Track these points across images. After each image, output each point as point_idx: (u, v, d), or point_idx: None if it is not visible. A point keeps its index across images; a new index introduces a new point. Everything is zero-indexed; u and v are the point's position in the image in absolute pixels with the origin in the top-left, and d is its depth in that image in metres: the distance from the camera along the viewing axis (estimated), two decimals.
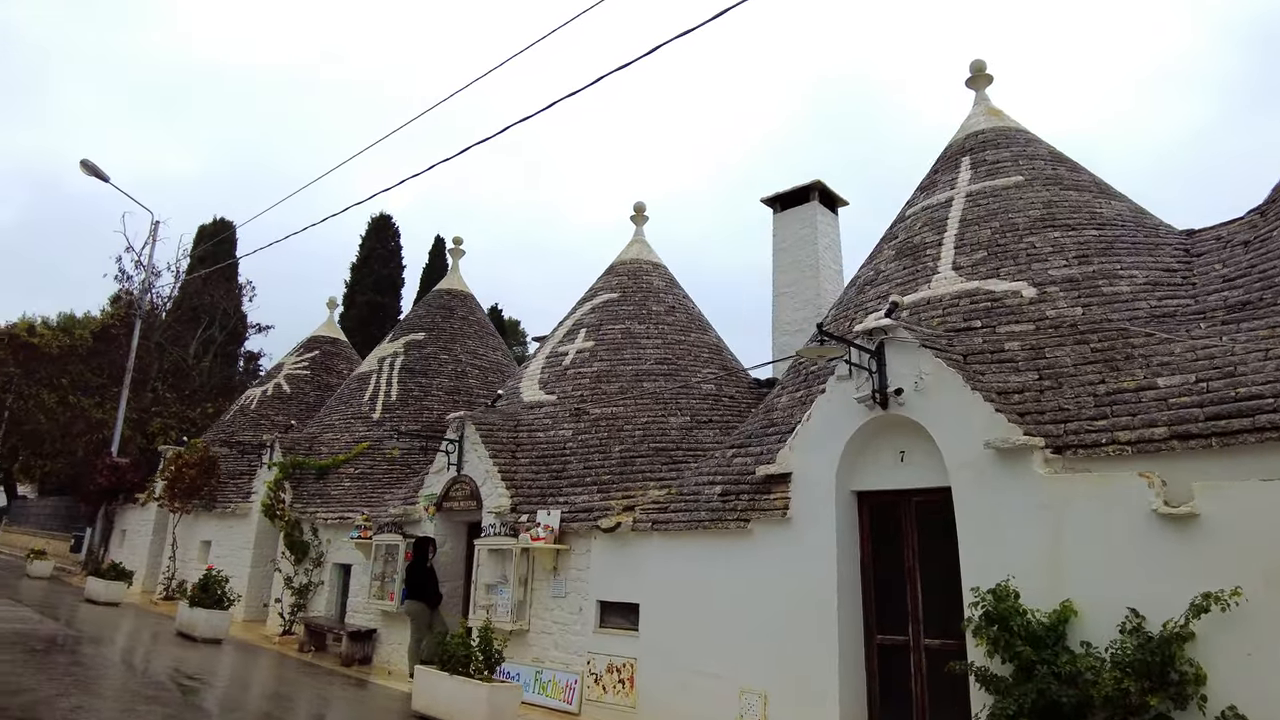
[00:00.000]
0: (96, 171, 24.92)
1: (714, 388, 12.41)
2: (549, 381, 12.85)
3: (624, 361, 12.61)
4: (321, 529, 14.42)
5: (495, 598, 10.39)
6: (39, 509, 38.21)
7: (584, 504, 10.08)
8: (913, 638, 7.18)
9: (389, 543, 12.28)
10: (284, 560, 14.67)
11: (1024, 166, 10.12)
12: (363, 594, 12.95)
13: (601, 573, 9.39)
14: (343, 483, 15.28)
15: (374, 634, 12.34)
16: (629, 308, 13.76)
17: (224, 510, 17.69)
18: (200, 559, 18.55)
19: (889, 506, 7.57)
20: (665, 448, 10.94)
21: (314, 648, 13.15)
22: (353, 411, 17.24)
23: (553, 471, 11.05)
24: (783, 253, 13.98)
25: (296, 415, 21.29)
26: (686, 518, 8.60)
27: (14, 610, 14.05)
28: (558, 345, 13.67)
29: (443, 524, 12.04)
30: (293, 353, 23.95)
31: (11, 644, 10.28)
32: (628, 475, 10.46)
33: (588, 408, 11.89)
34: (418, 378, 17.49)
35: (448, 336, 18.51)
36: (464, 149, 10.30)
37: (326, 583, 14.03)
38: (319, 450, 16.40)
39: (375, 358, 18.54)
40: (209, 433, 22.60)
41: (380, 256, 43.19)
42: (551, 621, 9.81)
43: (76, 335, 29.83)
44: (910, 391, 7.12)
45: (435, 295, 19.75)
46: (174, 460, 19.24)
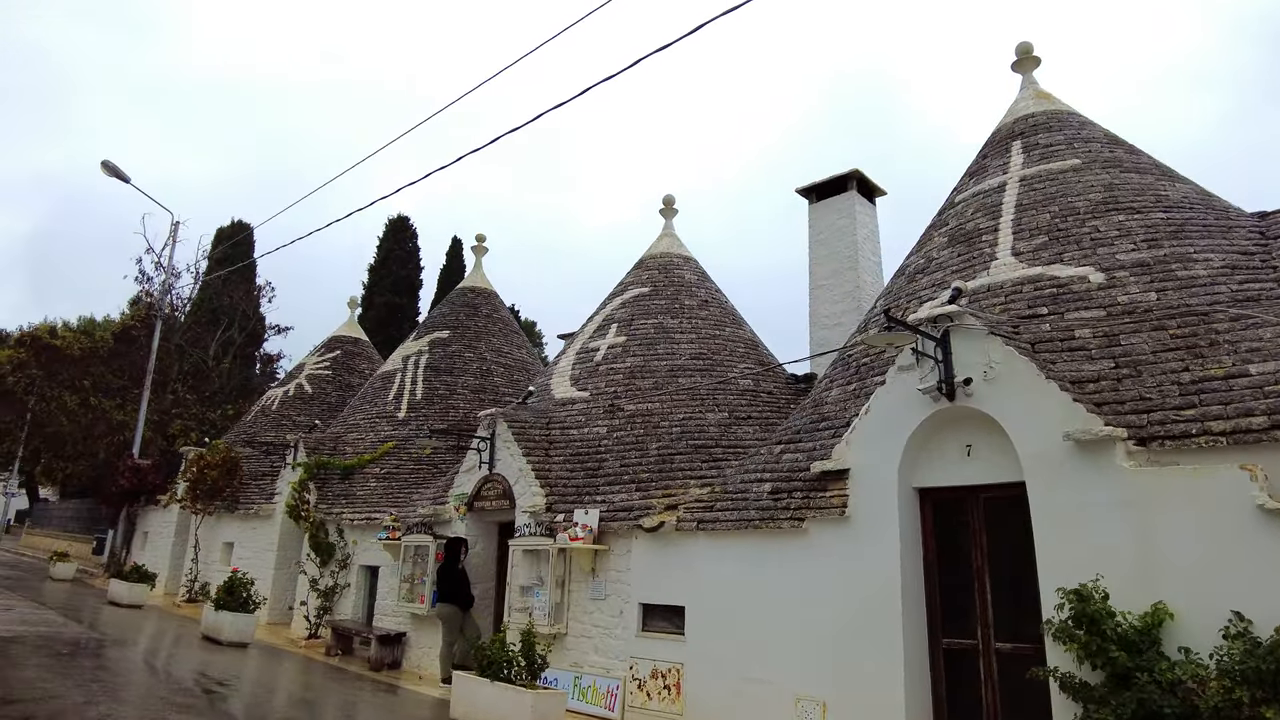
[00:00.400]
0: (117, 172, 24.82)
1: (751, 383, 12.03)
2: (581, 378, 12.51)
3: (658, 356, 12.25)
4: (347, 530, 14.13)
5: (531, 600, 10.05)
6: (60, 511, 38.27)
7: (623, 503, 9.72)
8: (982, 641, 6.77)
9: (418, 544, 11.97)
10: (309, 562, 14.39)
11: (1080, 149, 9.70)
12: (391, 596, 12.64)
13: (643, 574, 9.03)
14: (368, 483, 14.98)
15: (403, 637, 12.02)
16: (661, 302, 13.40)
17: (247, 512, 17.45)
18: (223, 561, 18.32)
19: (954, 503, 7.17)
20: (704, 445, 10.56)
21: (341, 651, 12.84)
22: (377, 411, 16.96)
23: (588, 470, 10.70)
24: (819, 244, 13.58)
25: (318, 415, 21.04)
26: (735, 517, 8.23)
27: (38, 613, 13.83)
28: (588, 341, 13.33)
29: (473, 524, 11.72)
30: (314, 353, 23.74)
31: (37, 648, 10.02)
32: (667, 473, 10.09)
33: (622, 404, 11.54)
34: (443, 376, 17.19)
35: (472, 334, 18.21)
36: (477, 148, 9.97)
37: (353, 585, 13.73)
38: (343, 450, 16.12)
39: (399, 356, 18.26)
40: (230, 434, 22.41)
41: (398, 258, 43.04)
42: (591, 625, 9.46)
43: (97, 337, 29.78)
44: (979, 382, 6.72)
45: (459, 293, 19.46)
46: (196, 461, 19.03)
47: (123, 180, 24.99)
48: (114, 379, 29.03)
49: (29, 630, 11.43)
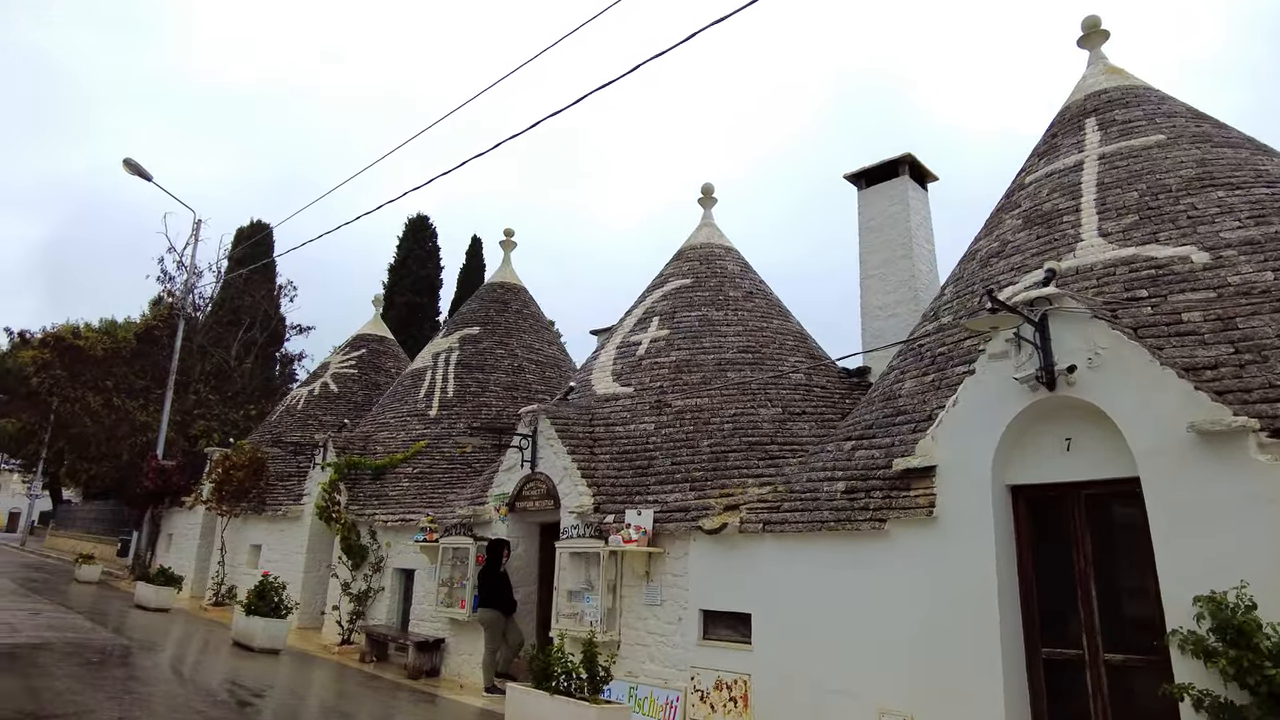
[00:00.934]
0: (139, 170, 24.54)
1: (804, 377, 11.48)
2: (623, 373, 12.00)
3: (704, 350, 11.72)
4: (380, 532, 13.68)
5: (581, 606, 9.54)
6: (84, 513, 38.17)
7: (677, 503, 9.20)
8: (1088, 652, 6.20)
9: (457, 546, 11.49)
10: (340, 565, 13.95)
11: (1163, 125, 9.09)
12: (428, 601, 12.17)
13: (703, 578, 8.50)
14: (401, 483, 14.53)
15: (442, 644, 11.55)
16: (704, 294, 12.86)
17: (274, 513, 17.05)
18: (250, 563, 17.95)
19: (1051, 502, 6.60)
20: (759, 442, 10.02)
21: (376, 658, 12.39)
22: (408, 409, 16.51)
23: (636, 468, 10.18)
24: (870, 232, 13.00)
25: (345, 414, 20.64)
26: (806, 518, 7.68)
27: (65, 618, 13.46)
28: (628, 335, 12.81)
29: (514, 525, 11.24)
30: (339, 351, 23.36)
31: (66, 655, 9.61)
32: (721, 471, 9.56)
33: (669, 399, 11.01)
34: (474, 373, 16.72)
35: (503, 331, 17.73)
36: (496, 144, 9.46)
37: (387, 589, 13.28)
38: (374, 449, 15.68)
39: (429, 353, 17.82)
40: (254, 434, 22.06)
41: (418, 257, 42.73)
42: (645, 632, 8.94)
43: (119, 337, 29.54)
44: (1083, 369, 6.15)
45: (488, 289, 18.99)
46: (221, 462, 18.66)
47: (144, 178, 24.72)
48: (136, 379, 28.78)
49: (57, 637, 11.04)
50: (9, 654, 9.39)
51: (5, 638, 10.55)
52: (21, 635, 10.93)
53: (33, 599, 16.34)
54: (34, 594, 17.51)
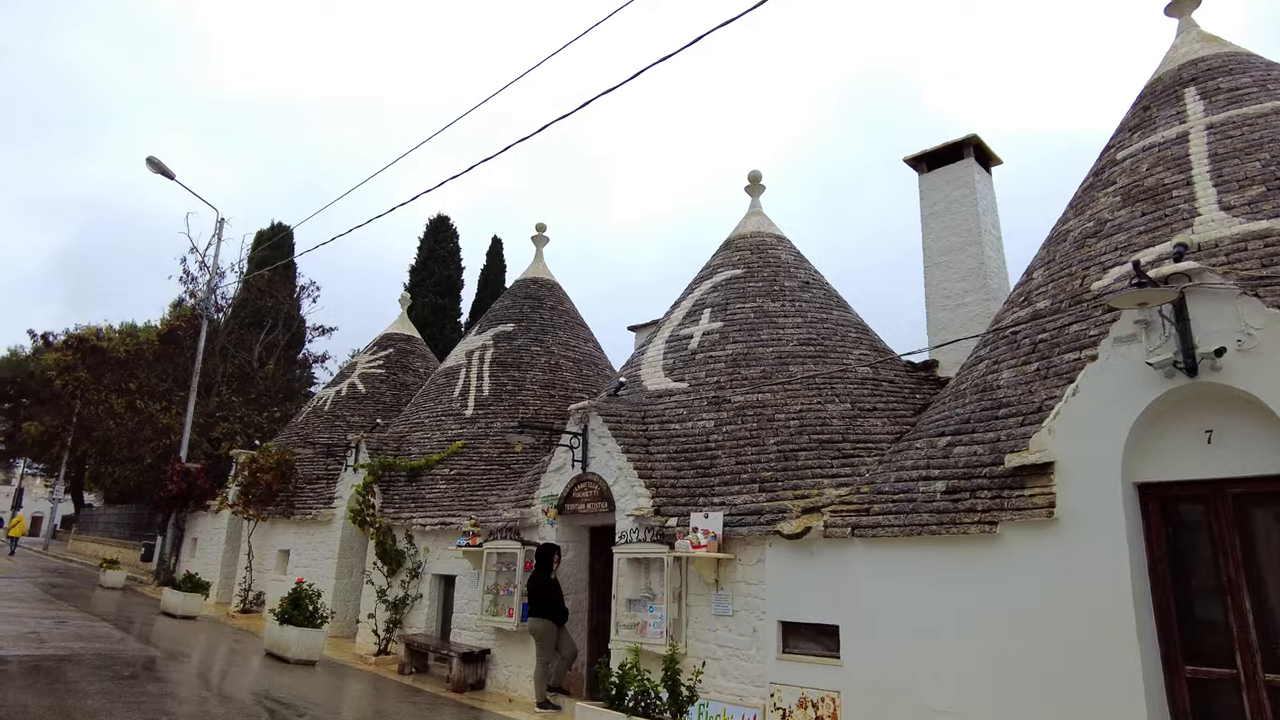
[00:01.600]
0: (162, 169, 24.16)
1: (870, 370, 10.79)
2: (675, 368, 11.35)
3: (762, 343, 11.05)
4: (418, 536, 13.09)
5: (642, 616, 8.90)
6: (106, 517, 37.90)
7: (747, 505, 8.54)
8: (1243, 671, 5.49)
9: (503, 550, 10.87)
10: (375, 571, 13.37)
11: (1276, 91, 8.36)
12: (471, 609, 11.56)
13: (781, 587, 7.84)
14: (438, 485, 13.93)
15: (488, 655, 10.93)
16: (757, 284, 12.20)
17: (304, 517, 16.50)
18: (279, 569, 17.42)
19: (1188, 501, 5.91)
20: (830, 439, 9.34)
21: (415, 669, 11.79)
22: (442, 408, 15.92)
23: (697, 468, 9.53)
24: (934, 218, 12.30)
25: (374, 415, 20.12)
26: (901, 521, 7.00)
27: (92, 626, 12.94)
28: (678, 328, 12.17)
29: (563, 528, 10.61)
30: (366, 351, 22.83)
31: (96, 669, 9.06)
32: (792, 471, 8.89)
33: (728, 395, 10.35)
34: (510, 371, 16.12)
35: (538, 327, 17.13)
36: (511, 145, 8.86)
37: (426, 596, 12.68)
38: (408, 450, 15.10)
39: (463, 351, 17.23)
40: (280, 436, 21.56)
41: (440, 258, 42.28)
42: (716, 645, 8.28)
43: (141, 338, 29.16)
44: (1232, 352, 5.46)
45: (521, 285, 18.39)
46: (248, 464, 18.17)
47: (167, 176, 24.34)
48: (159, 382, 28.40)
49: (86, 648, 10.49)
50: (36, 667, 8.84)
51: (33, 649, 10.02)
52: (49, 646, 10.39)
53: (58, 606, 15.86)
54: (59, 600, 17.05)
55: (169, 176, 24.38)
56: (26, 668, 8.75)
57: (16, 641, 10.58)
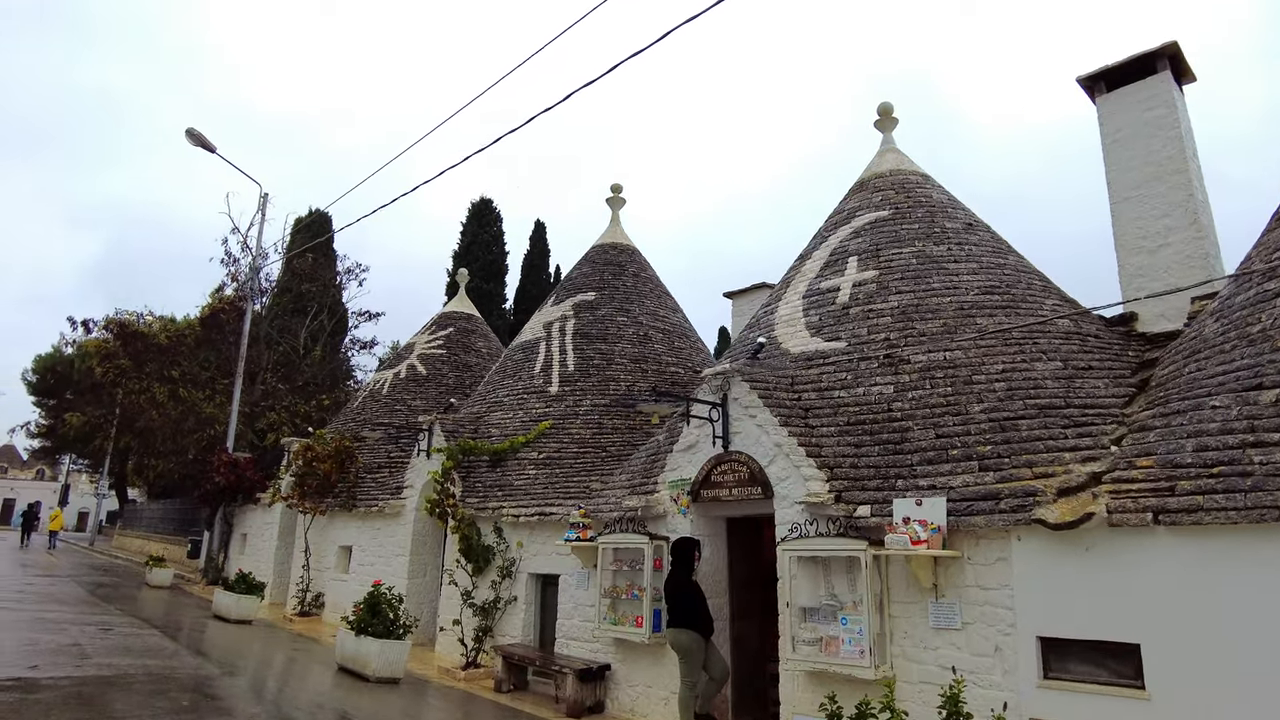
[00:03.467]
0: (203, 141, 22.66)
1: (1071, 324, 8.79)
2: (824, 325, 9.43)
3: (934, 292, 9.10)
4: (508, 529, 11.31)
5: (825, 629, 7.01)
6: (150, 512, 36.83)
7: (972, 489, 6.61)
8: None
9: (624, 546, 9.04)
10: (459, 570, 11.61)
11: None
12: (582, 615, 9.76)
13: (1039, 592, 5.91)
14: (526, 470, 12.14)
15: (607, 671, 9.12)
16: (913, 226, 10.24)
17: (368, 509, 14.81)
18: (340, 567, 15.78)
19: None
20: (1050, 404, 7.37)
21: (513, 685, 10.02)
22: (523, 386, 14.14)
23: (884, 444, 7.60)
24: (1119, 146, 10.23)
25: (436, 398, 18.45)
26: (1239, 502, 5.04)
27: (140, 635, 11.33)
28: (816, 281, 10.25)
29: (696, 519, 8.75)
30: (424, 331, 21.15)
31: (148, 696, 7.36)
32: (1016, 444, 6.94)
33: (905, 354, 8.42)
34: (595, 344, 14.29)
35: (622, 296, 15.28)
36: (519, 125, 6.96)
37: (521, 598, 10.89)
38: (486, 433, 13.34)
39: (539, 324, 15.44)
40: (334, 424, 19.97)
41: (483, 242, 40.77)
42: (936, 666, 6.37)
43: (183, 323, 27.76)
44: None
45: (599, 251, 16.55)
46: (302, 453, 16.53)
47: (208, 149, 22.84)
48: (201, 370, 26.97)
49: (134, 666, 8.83)
50: (77, 694, 7.16)
51: (73, 669, 8.37)
52: (92, 663, 8.75)
53: (103, 609, 14.36)
54: (104, 602, 15.58)
55: (210, 149, 22.87)
56: (65, 695, 7.08)
57: (56, 656, 8.96)
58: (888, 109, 12.10)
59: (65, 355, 44.83)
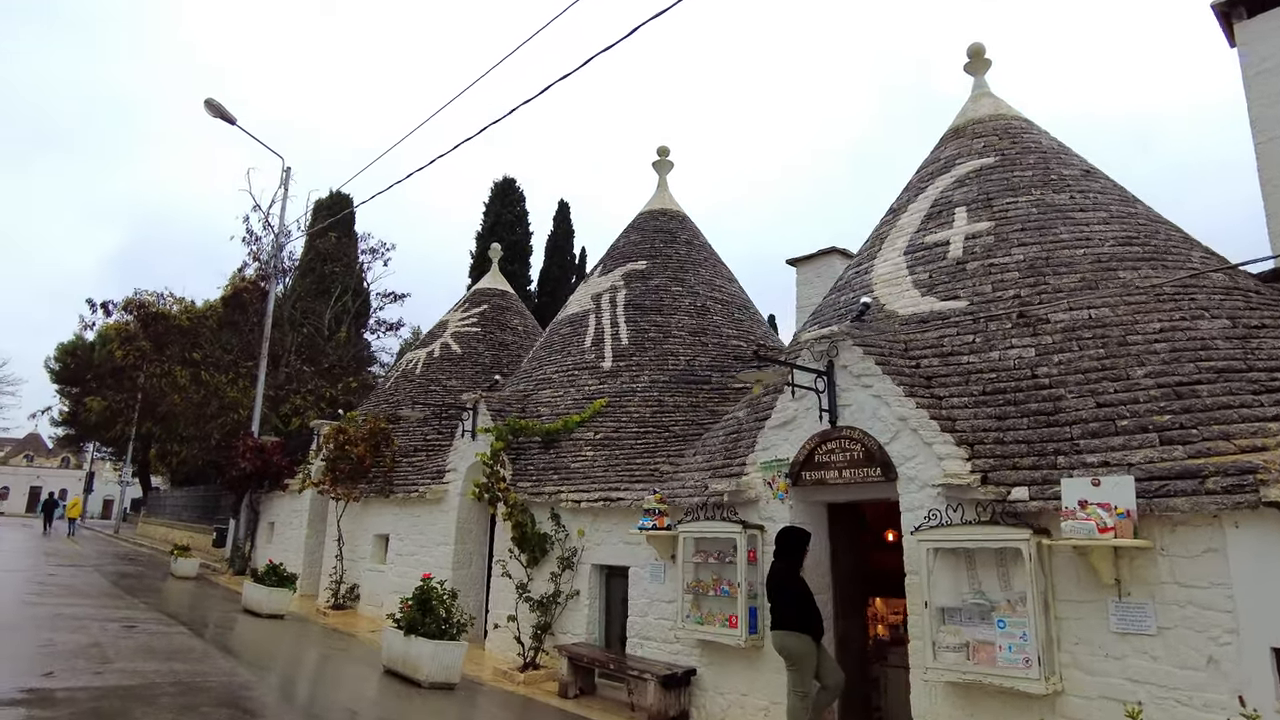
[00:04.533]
0: (222, 113, 21.68)
1: (1226, 277, 7.60)
2: (936, 282, 8.29)
3: (1063, 243, 7.94)
4: (567, 516, 10.27)
5: (971, 631, 5.92)
6: (174, 499, 36.20)
7: (1163, 465, 5.48)
8: None
9: (711, 535, 7.97)
10: (513, 561, 10.60)
11: None
12: (657, 612, 8.72)
13: (1267, 592, 4.79)
14: (582, 452, 11.08)
15: (693, 677, 8.07)
16: (1026, 174, 9.05)
17: (406, 495, 13.82)
18: (375, 557, 14.83)
19: None
20: (1230, 367, 6.21)
21: (580, 690, 9.01)
22: (573, 361, 13.06)
23: (1032, 415, 6.47)
24: (1264, 77, 9.01)
25: (472, 377, 17.44)
26: None
27: (166, 633, 10.39)
28: (917, 235, 9.09)
29: (795, 505, 7.67)
30: (457, 308, 20.12)
31: (180, 710, 6.37)
32: (1200, 414, 5.80)
33: (1042, 312, 7.27)
34: (650, 315, 13.18)
35: (675, 265, 14.16)
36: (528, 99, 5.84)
37: (584, 592, 9.86)
38: (535, 411, 12.29)
39: (587, 295, 14.35)
40: (365, 406, 18.99)
41: (507, 222, 39.69)
42: (1124, 679, 5.26)
43: (205, 305, 26.85)
44: None
45: (647, 218, 15.42)
46: (333, 436, 15.55)
47: (228, 121, 21.86)
48: (223, 353, 26.07)
49: (161, 671, 7.86)
50: (94, 711, 6.18)
51: (92, 675, 7.41)
52: (114, 669, 7.79)
53: (126, 602, 13.48)
54: (127, 594, 14.71)
55: (229, 121, 21.89)
56: (81, 713, 6.10)
57: (74, 661, 8.01)
58: (979, 50, 10.86)
59: (86, 342, 44.30)
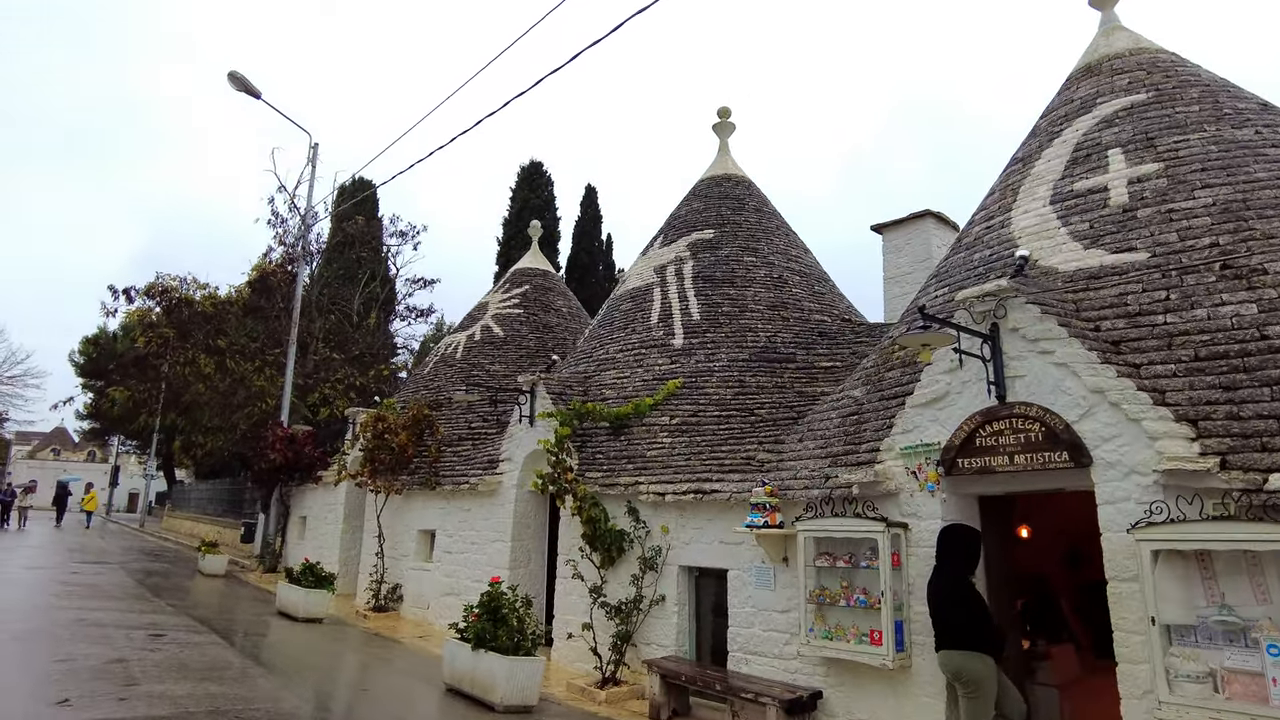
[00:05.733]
0: (246, 86, 20.57)
1: None
2: (1102, 233, 6.98)
3: (1261, 184, 6.62)
4: (647, 510, 9.06)
5: (1213, 656, 4.66)
6: (199, 493, 35.38)
7: None
8: None
9: (843, 535, 6.73)
10: (585, 561, 9.40)
11: None
12: (764, 623, 7.50)
13: None
14: (658, 438, 9.85)
15: (819, 700, 6.84)
16: (1192, 109, 7.72)
17: (455, 487, 12.66)
18: (420, 555, 13.70)
19: None
20: None
21: (674, 711, 7.81)
22: (639, 339, 11.84)
23: (1274, 383, 5.17)
24: None
25: (515, 361, 16.28)
26: None
27: (199, 643, 9.28)
28: (1063, 182, 7.78)
29: (947, 498, 6.41)
30: (497, 290, 18.94)
31: None
32: None
33: (1255, 262, 5.96)
34: (722, 288, 11.93)
35: (746, 234, 12.88)
36: None
37: (671, 598, 8.65)
38: (599, 394, 11.09)
39: (649, 267, 13.11)
40: (402, 393, 17.87)
41: (534, 208, 38.51)
42: None
43: (229, 295, 25.81)
44: None
45: (709, 184, 14.15)
46: (371, 424, 14.43)
47: (253, 95, 20.76)
48: (249, 341, 25.03)
49: (195, 695, 6.71)
50: None
51: (115, 702, 6.28)
52: (139, 693, 6.66)
53: (153, 605, 12.43)
54: (154, 595, 13.68)
55: (254, 95, 20.79)
56: None
57: (95, 683, 6.90)
58: None
59: (109, 333, 43.60)
